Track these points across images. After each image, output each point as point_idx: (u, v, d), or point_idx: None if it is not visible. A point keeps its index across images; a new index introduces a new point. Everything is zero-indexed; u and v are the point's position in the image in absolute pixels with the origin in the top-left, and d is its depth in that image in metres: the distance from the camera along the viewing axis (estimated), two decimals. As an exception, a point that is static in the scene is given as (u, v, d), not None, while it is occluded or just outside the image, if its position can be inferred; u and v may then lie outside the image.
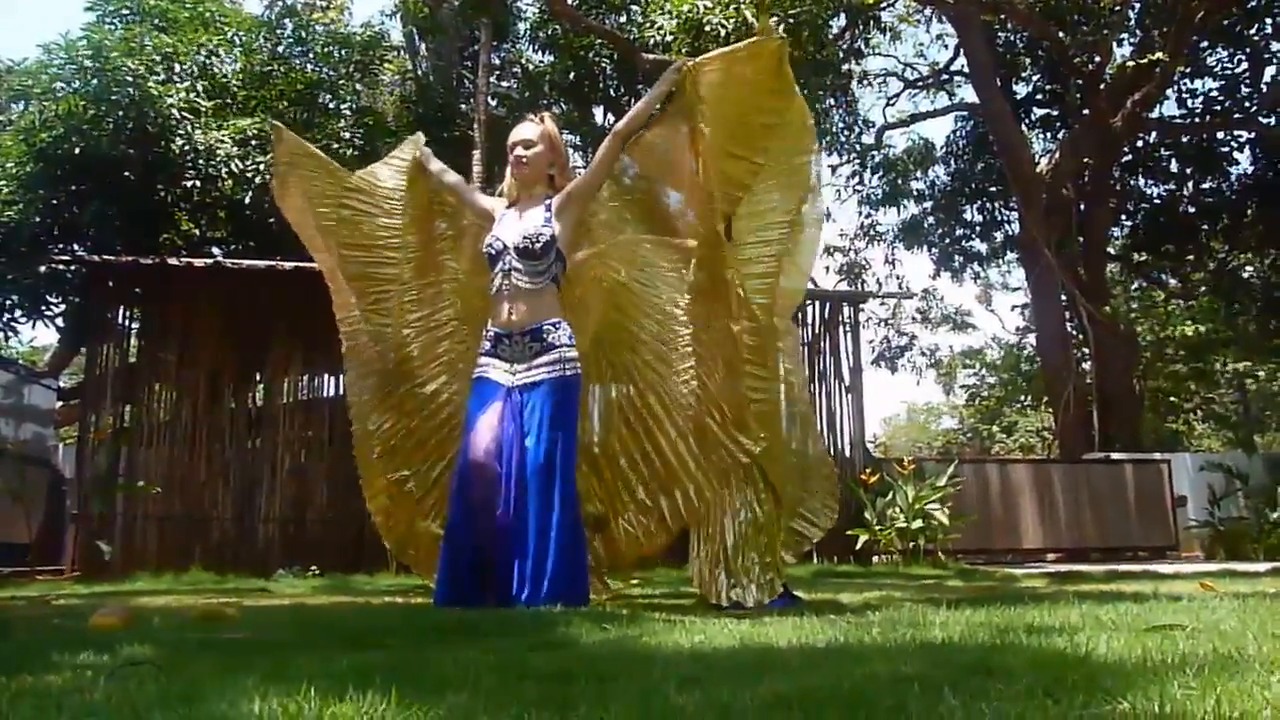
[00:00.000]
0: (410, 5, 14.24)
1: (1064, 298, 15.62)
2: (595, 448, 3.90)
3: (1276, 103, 15.82)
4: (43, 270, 9.99)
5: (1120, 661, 1.65)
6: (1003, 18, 14.70)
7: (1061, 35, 14.79)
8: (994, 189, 18.05)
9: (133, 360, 8.32)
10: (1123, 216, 18.35)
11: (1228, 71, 16.43)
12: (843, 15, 12.17)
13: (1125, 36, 16.21)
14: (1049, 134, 18.21)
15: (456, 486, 3.41)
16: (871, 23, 13.51)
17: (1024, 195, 15.04)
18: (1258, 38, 15.70)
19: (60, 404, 12.00)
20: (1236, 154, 17.14)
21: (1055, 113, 17.77)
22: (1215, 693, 1.33)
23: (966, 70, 16.88)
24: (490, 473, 3.31)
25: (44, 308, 10.41)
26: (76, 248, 9.63)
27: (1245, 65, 16.22)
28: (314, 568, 7.34)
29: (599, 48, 13.16)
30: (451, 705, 1.39)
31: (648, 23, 11.08)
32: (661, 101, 3.84)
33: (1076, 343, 16.82)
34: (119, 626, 2.65)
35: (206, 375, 7.99)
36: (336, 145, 10.99)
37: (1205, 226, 17.65)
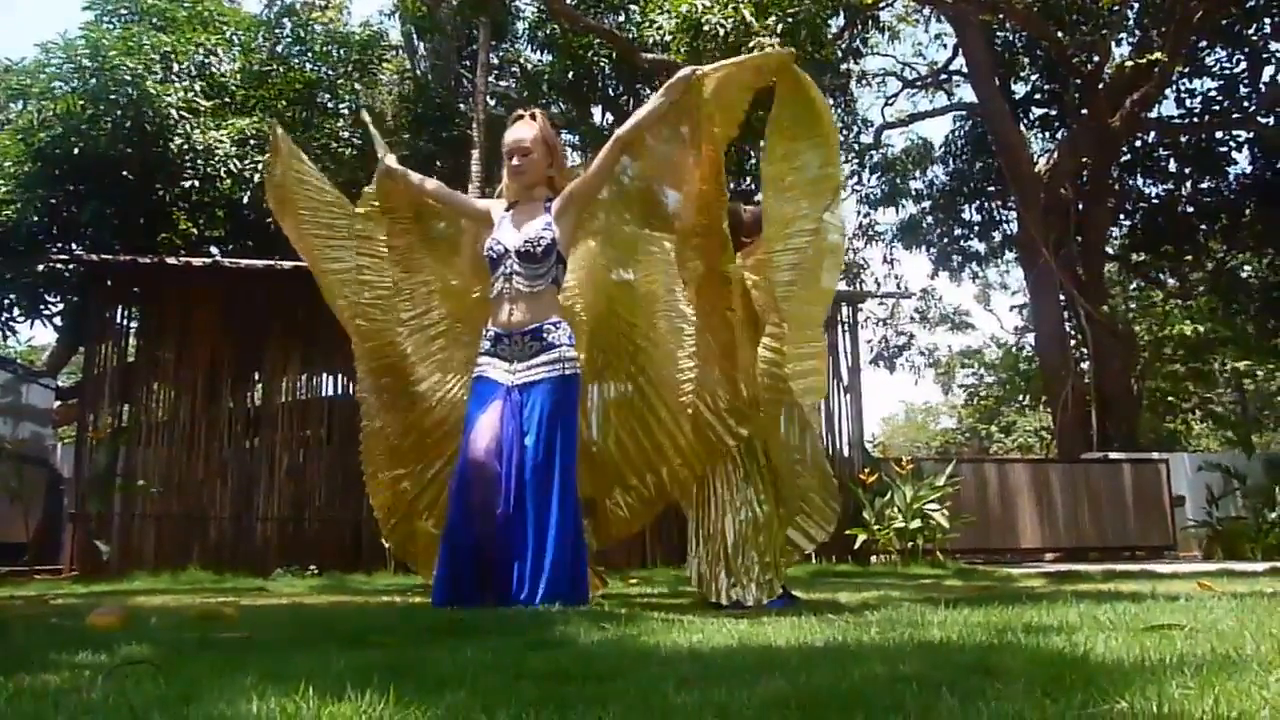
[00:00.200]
0: (409, 4, 14.22)
1: (1062, 297, 15.62)
2: (593, 446, 3.92)
3: (1275, 102, 15.83)
4: (41, 269, 9.98)
5: (1118, 661, 1.65)
6: (1001, 17, 14.69)
7: (1060, 35, 14.78)
8: (992, 189, 18.06)
9: (131, 359, 8.32)
10: (1121, 216, 18.34)
11: (1226, 71, 16.45)
12: (841, 15, 12.15)
13: (1124, 36, 16.22)
14: (1047, 134, 18.23)
15: (456, 486, 3.40)
16: (870, 22, 13.49)
17: (1022, 195, 15.04)
18: (1256, 38, 15.70)
19: (58, 403, 12.00)
20: (1235, 154, 17.18)
21: (1054, 112, 17.78)
22: (1213, 692, 1.33)
23: (965, 70, 16.89)
24: (490, 472, 3.31)
25: (42, 307, 10.40)
26: (75, 247, 9.63)
27: (1244, 65, 16.23)
28: (312, 567, 7.35)
29: (597, 47, 13.16)
30: (450, 704, 1.39)
31: (646, 22, 11.09)
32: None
33: (1075, 342, 16.83)
34: (117, 626, 2.65)
35: (204, 374, 8.00)
36: (335, 145, 11.01)
37: (1204, 226, 17.66)
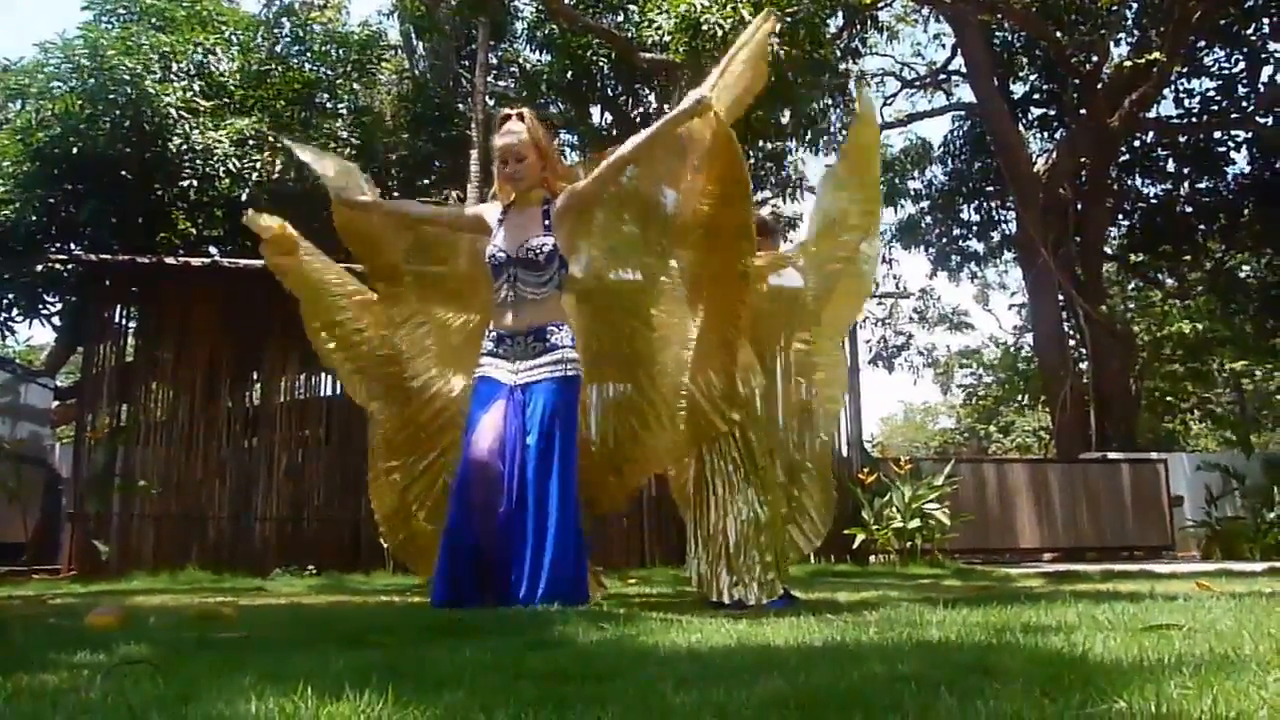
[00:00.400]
0: (408, 4, 14.20)
1: (1061, 297, 15.62)
2: (592, 445, 3.92)
3: (1273, 102, 15.83)
4: (39, 269, 9.98)
5: (1117, 661, 1.65)
6: (1000, 17, 14.71)
7: (1059, 35, 14.79)
8: (991, 188, 18.07)
9: (129, 359, 8.31)
10: (1120, 216, 18.35)
11: (1225, 71, 16.46)
12: (840, 14, 12.14)
13: (1122, 36, 16.23)
14: (1046, 133, 18.23)
15: (458, 486, 3.39)
16: (869, 22, 13.47)
17: (1021, 195, 15.05)
18: (1255, 38, 15.71)
19: (57, 403, 12.00)
20: (1233, 154, 17.18)
21: (1052, 112, 17.78)
22: (1211, 692, 1.33)
23: (964, 70, 16.89)
24: (492, 472, 3.30)
25: (41, 307, 10.40)
26: (73, 247, 9.63)
27: (1242, 65, 16.24)
28: (311, 567, 7.35)
29: (596, 47, 13.16)
30: (448, 704, 1.39)
31: (645, 22, 11.06)
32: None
33: (1074, 342, 16.83)
34: (115, 626, 2.65)
35: (203, 374, 7.99)
36: (334, 145, 10.98)
37: (1202, 226, 17.65)
